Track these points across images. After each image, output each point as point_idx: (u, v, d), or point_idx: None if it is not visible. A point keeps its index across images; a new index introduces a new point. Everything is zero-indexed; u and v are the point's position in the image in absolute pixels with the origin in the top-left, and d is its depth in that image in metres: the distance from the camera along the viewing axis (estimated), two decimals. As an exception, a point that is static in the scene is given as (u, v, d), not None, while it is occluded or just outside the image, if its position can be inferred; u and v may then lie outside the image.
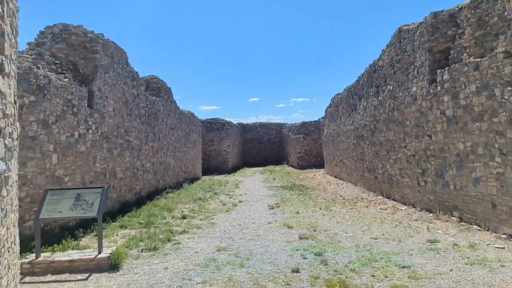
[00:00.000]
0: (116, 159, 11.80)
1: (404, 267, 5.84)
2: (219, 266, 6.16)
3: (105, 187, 6.61)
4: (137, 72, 13.89)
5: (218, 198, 15.77)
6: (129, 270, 6.11)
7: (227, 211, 12.27)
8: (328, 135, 24.03)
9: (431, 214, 10.09)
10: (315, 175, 25.42)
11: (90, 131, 10.06)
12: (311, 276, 5.55)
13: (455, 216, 9.09)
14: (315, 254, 6.72)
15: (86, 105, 9.82)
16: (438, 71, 9.50)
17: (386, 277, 5.41)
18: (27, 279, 5.76)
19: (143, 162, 14.34)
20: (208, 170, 30.58)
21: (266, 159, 40.28)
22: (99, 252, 6.26)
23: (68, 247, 6.96)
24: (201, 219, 10.93)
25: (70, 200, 6.42)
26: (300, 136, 32.21)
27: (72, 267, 6.01)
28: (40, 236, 7.65)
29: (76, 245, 7.18)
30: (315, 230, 8.90)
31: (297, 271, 5.80)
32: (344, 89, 20.08)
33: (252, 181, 23.28)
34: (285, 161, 37.40)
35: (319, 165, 30.51)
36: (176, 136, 19.65)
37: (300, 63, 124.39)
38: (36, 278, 5.78)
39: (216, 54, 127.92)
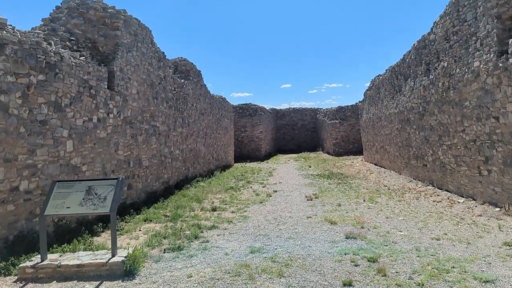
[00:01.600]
0: (141, 146, 10.94)
1: (486, 281, 4.60)
2: (253, 275, 5.10)
3: (120, 179, 5.67)
4: (163, 53, 12.93)
5: (251, 187, 14.78)
6: (146, 277, 5.16)
7: (261, 202, 11.24)
8: (368, 120, 22.48)
9: (497, 209, 8.66)
10: (353, 162, 23.99)
11: (111, 115, 9.19)
12: (368, 293, 4.40)
13: (531, 213, 7.65)
14: (368, 260, 5.55)
15: (106, 86, 8.93)
16: (510, 40, 7.97)
17: (469, 297, 4.19)
18: (30, 286, 4.91)
19: (171, 149, 13.47)
20: (241, 157, 29.68)
21: (300, 146, 38.96)
22: (113, 255, 5.34)
23: (80, 248, 6.09)
24: (232, 212, 9.94)
25: (80, 194, 5.52)
26: (336, 121, 30.68)
27: (80, 273, 5.12)
28: (54, 232, 6.87)
29: (89, 245, 6.31)
30: (362, 227, 7.71)
31: (349, 284, 4.67)
32: (386, 70, 18.47)
33: (287, 169, 22.17)
34: (320, 148, 35.97)
35: (357, 152, 28.98)
36: (207, 122, 18.72)
37: (333, 48, 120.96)
38: (39, 286, 4.91)
39: (248, 40, 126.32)
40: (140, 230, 8.05)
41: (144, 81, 11.19)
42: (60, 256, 5.53)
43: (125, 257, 5.29)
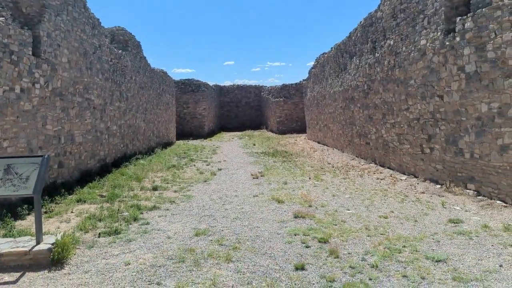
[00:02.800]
0: (74, 121, 10.00)
1: (438, 260, 4.53)
2: (199, 261, 4.69)
3: (46, 156, 4.95)
4: (98, 19, 11.84)
5: (195, 165, 14.25)
6: (77, 266, 4.57)
7: (205, 181, 10.79)
8: (312, 98, 22.56)
9: (438, 186, 8.88)
10: (296, 140, 24.11)
11: (38, 86, 8.20)
12: (322, 277, 4.16)
13: (470, 189, 7.88)
14: (319, 241, 5.34)
15: (30, 53, 7.92)
16: (458, 18, 8.01)
17: (423, 278, 4.07)
18: None
19: (108, 124, 12.54)
20: (183, 134, 28.84)
21: (244, 124, 38.67)
22: (37, 242, 4.68)
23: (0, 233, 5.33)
24: (175, 191, 9.42)
25: (-4, 173, 4.76)
26: (281, 99, 30.64)
27: (-2, 264, 4.43)
28: (-33, 217, 6.01)
29: (10, 230, 5.54)
30: (310, 206, 7.54)
31: (302, 268, 4.41)
32: (331, 48, 18.46)
33: (231, 147, 21.79)
34: (264, 126, 35.94)
35: (300, 130, 29.21)
36: (146, 97, 17.75)
37: (277, 25, 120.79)
38: None
39: (191, 14, 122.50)
40: (72, 212, 7.32)
41: (76, 50, 10.15)
42: (-27, 245, 4.78)
43: (52, 244, 4.65)
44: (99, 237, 5.76)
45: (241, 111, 40.01)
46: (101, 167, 11.79)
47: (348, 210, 7.23)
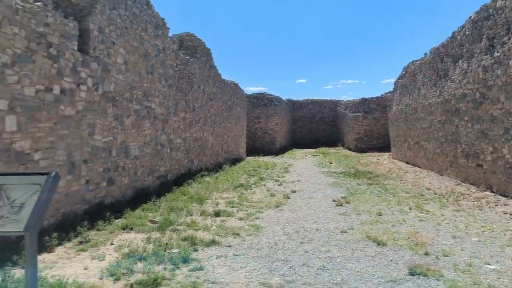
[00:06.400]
0: (129, 131, 8.68)
1: None
2: None
3: (53, 174, 3.37)
4: (163, 20, 10.63)
5: (265, 185, 12.46)
6: None
7: (277, 206, 8.91)
8: (399, 112, 19.89)
9: None
10: (379, 159, 21.45)
11: (84, 88, 6.92)
12: None
13: None
14: (470, 330, 3.18)
15: (75, 47, 6.66)
16: None
17: None
18: None
19: (170, 136, 11.20)
20: (253, 150, 27.34)
21: (317, 140, 36.37)
22: (27, 308, 3.06)
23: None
24: (241, 219, 7.64)
25: (-18, 198, 3.25)
26: (359, 114, 28.07)
27: None
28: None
29: (4, 277, 4.00)
30: (426, 253, 5.32)
31: None
32: (426, 53, 15.86)
33: (305, 165, 19.77)
34: (340, 143, 33.39)
35: (382, 148, 26.37)
36: (216, 108, 16.41)
37: (350, 43, 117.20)
38: None
39: (262, 33, 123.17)
40: (112, 244, 5.80)
41: (136, 50, 8.90)
42: None
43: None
44: (130, 290, 4.09)
45: (314, 126, 37.80)
46: (160, 184, 10.40)
47: (489, 264, 4.90)
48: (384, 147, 25.50)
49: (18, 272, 4.33)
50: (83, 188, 6.97)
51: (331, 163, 20.13)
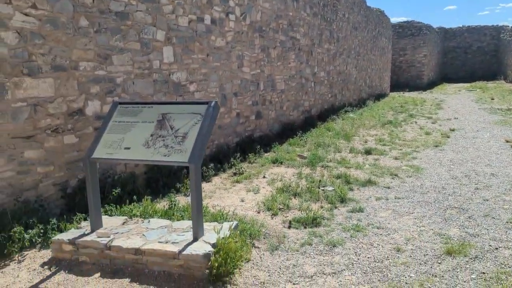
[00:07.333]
0: (275, 63, 8.38)
1: None
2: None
3: (213, 103, 3.18)
4: None
5: (416, 122, 11.29)
6: (246, 291, 2.75)
7: (436, 146, 7.91)
8: None
9: None
10: (557, 95, 17.85)
11: (232, 17, 6.70)
12: None
13: None
14: None
15: (224, -26, 6.38)
16: None
17: None
18: (59, 278, 2.92)
19: (314, 70, 10.65)
20: (397, 85, 25.25)
21: (473, 74, 31.88)
22: (194, 239, 3.03)
23: (161, 208, 3.93)
24: (396, 158, 6.94)
25: (148, 126, 3.24)
26: (532, 41, 23.43)
27: (138, 264, 2.97)
28: (145, 174, 4.96)
29: (170, 205, 4.07)
30: None
31: None
32: None
33: (459, 101, 17.51)
34: (502, 76, 28.75)
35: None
36: (360, 39, 15.15)
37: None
38: (72, 279, 2.90)
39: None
40: (264, 177, 5.72)
41: (281, -25, 8.33)
42: (124, 223, 3.47)
43: (213, 245, 2.92)
44: (289, 227, 3.88)
45: (470, 58, 33.07)
46: (304, 119, 10.10)
47: None
48: None
49: (182, 200, 4.47)
50: (234, 121, 7.00)
51: (492, 99, 17.42)
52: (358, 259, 3.17)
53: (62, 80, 3.89)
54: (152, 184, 4.90)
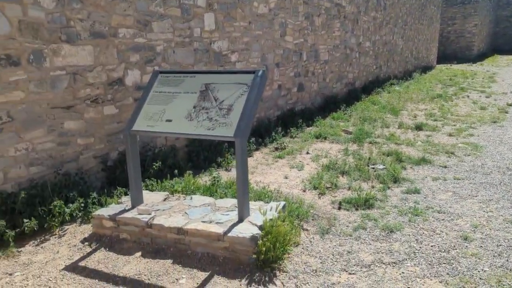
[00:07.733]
0: (319, 32, 7.91)
1: None
2: None
3: (260, 72, 2.89)
4: None
5: (468, 96, 10.55)
6: (297, 281, 2.50)
7: (494, 122, 7.32)
8: None
9: None
10: None
11: (276, -18, 6.29)
12: None
13: None
14: None
15: None
16: None
17: None
18: (98, 256, 2.79)
19: (359, 39, 10.06)
20: (444, 57, 23.88)
21: (527, 45, 29.76)
22: (240, 219, 2.81)
23: (203, 184, 3.73)
24: (450, 134, 6.44)
25: (191, 97, 2.99)
26: None
27: (181, 244, 2.79)
28: (187, 147, 4.78)
29: (213, 181, 3.86)
30: None
31: None
32: None
33: (515, 74, 16.32)
34: (560, 48, 26.66)
35: None
36: (408, 7, 14.22)
37: None
38: (112, 257, 2.76)
39: None
40: (308, 153, 5.43)
41: None
42: (165, 199, 3.29)
43: (260, 227, 2.69)
44: (339, 209, 3.59)
45: (525, 28, 30.80)
46: (348, 92, 9.62)
47: None
48: None
49: (224, 175, 4.27)
50: (275, 94, 6.68)
51: (552, 73, 16.13)
52: (420, 247, 2.86)
53: (102, 47, 3.70)
54: (193, 158, 4.73)
